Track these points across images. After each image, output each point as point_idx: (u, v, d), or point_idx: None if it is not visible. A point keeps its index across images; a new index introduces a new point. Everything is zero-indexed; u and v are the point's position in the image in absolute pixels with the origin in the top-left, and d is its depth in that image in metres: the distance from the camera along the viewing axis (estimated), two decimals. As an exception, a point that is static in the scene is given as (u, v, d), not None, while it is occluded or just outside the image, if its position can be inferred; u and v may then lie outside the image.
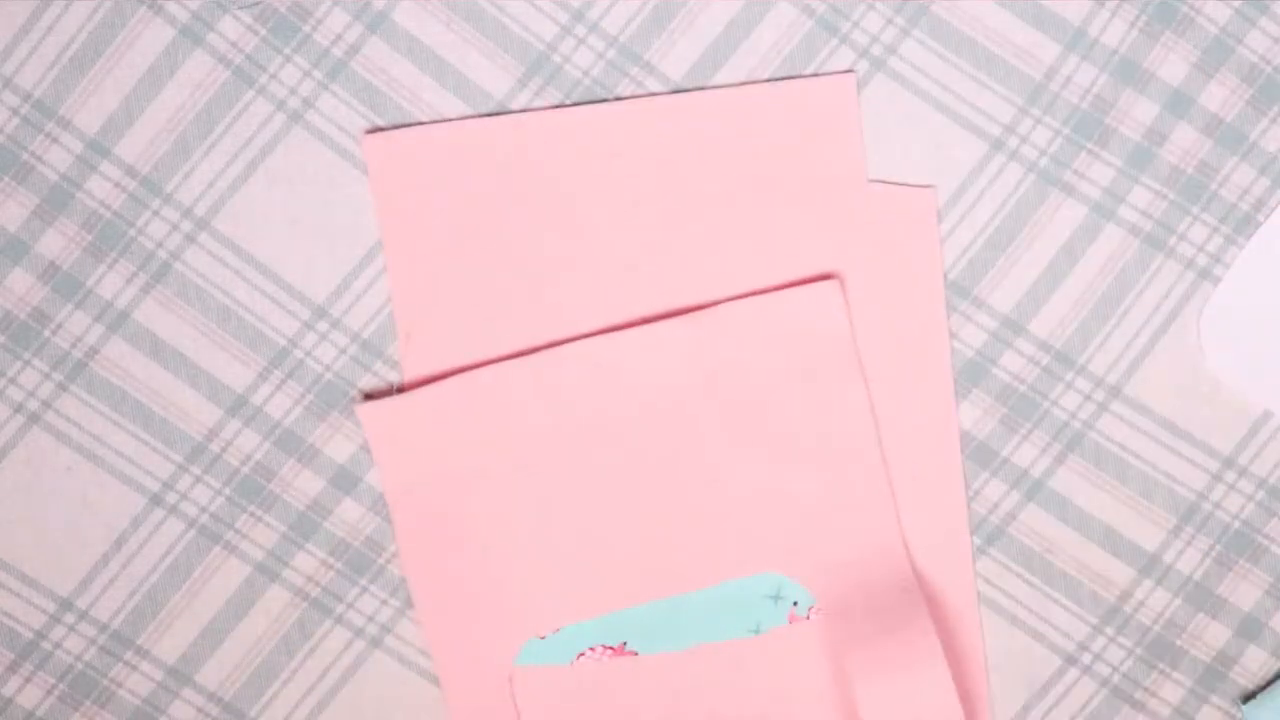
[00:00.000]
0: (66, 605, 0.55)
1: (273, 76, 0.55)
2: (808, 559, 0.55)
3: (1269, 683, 0.57)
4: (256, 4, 0.55)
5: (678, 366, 0.54)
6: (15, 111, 0.55)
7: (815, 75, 0.55)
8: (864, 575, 0.54)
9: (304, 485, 0.56)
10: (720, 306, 0.54)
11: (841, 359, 0.54)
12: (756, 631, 0.55)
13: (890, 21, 0.55)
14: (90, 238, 0.55)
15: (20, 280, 0.55)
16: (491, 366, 0.54)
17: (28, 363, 0.55)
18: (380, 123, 0.55)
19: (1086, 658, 0.56)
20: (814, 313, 0.54)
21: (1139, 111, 0.56)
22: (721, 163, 0.55)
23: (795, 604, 0.55)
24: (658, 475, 0.54)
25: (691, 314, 0.54)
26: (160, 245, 0.55)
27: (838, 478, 0.54)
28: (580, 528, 0.54)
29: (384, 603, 0.56)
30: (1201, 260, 0.56)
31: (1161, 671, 0.56)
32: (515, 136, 0.54)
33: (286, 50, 0.55)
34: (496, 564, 0.54)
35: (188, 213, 0.55)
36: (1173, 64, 0.56)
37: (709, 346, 0.54)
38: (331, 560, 0.56)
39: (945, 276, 0.56)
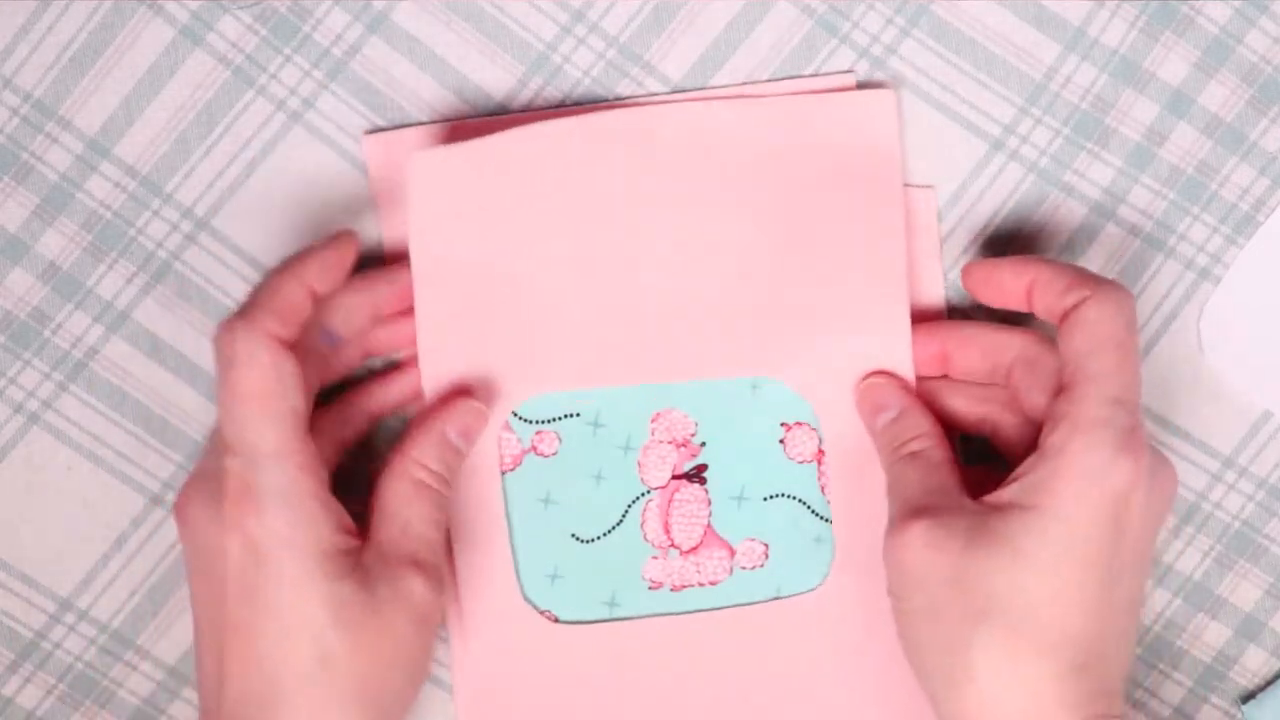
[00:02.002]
0: (66, 605, 0.55)
1: (273, 76, 0.55)
2: (812, 369, 0.54)
3: (1269, 683, 0.57)
4: (256, 4, 0.55)
5: (722, 148, 0.54)
6: (15, 111, 0.55)
7: (815, 75, 0.55)
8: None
9: (304, 485, 0.56)
10: (773, 97, 0.54)
11: (884, 172, 0.54)
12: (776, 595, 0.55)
13: (890, 21, 0.55)
14: (90, 238, 0.55)
15: (20, 280, 0.55)
16: (530, 126, 0.53)
17: (28, 363, 0.55)
18: (380, 123, 0.55)
19: (1086, 658, 0.56)
20: (865, 120, 0.54)
21: (1139, 111, 0.56)
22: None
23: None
24: (681, 257, 0.54)
25: (743, 98, 0.54)
26: (160, 245, 0.55)
27: (859, 293, 0.54)
28: (596, 296, 0.54)
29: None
30: (1201, 260, 0.56)
31: (1161, 671, 0.56)
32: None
33: (286, 50, 0.55)
34: (507, 321, 0.54)
35: (188, 213, 0.55)
36: (1173, 64, 0.56)
37: (756, 133, 0.54)
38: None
39: (945, 276, 0.56)
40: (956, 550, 0.47)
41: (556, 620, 0.55)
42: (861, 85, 0.55)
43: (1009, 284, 0.51)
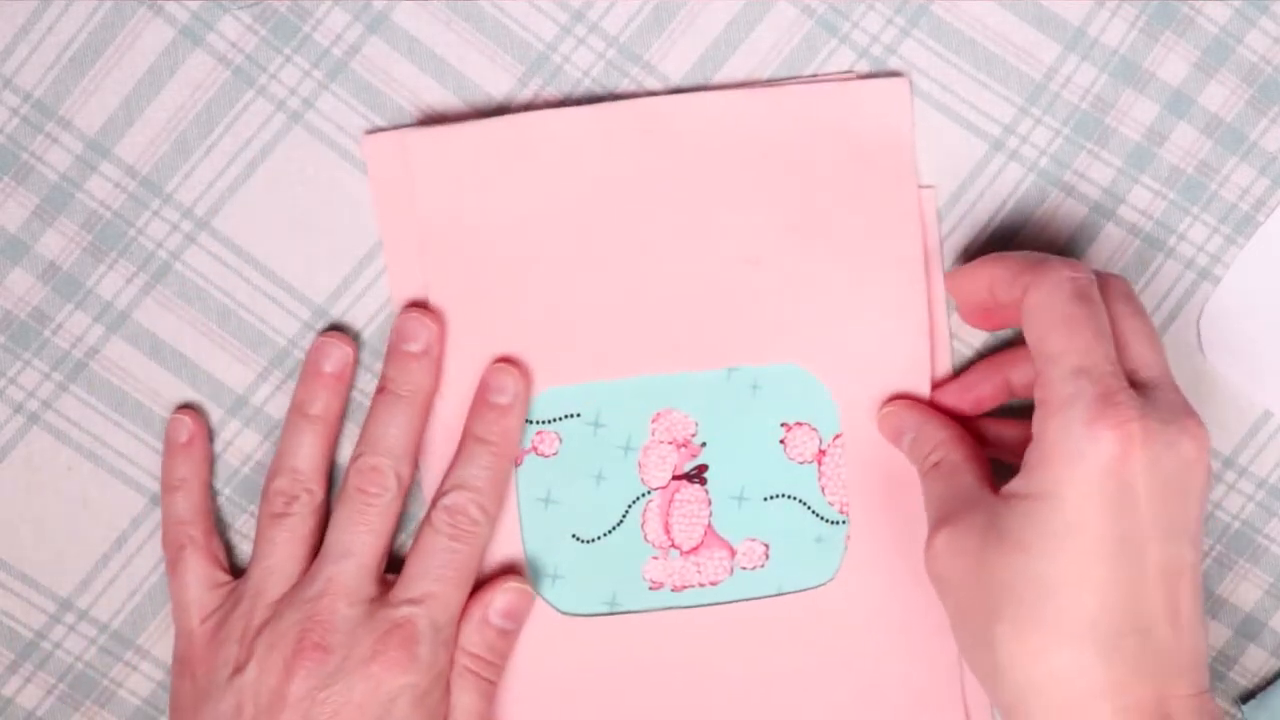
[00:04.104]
0: (66, 605, 0.55)
1: (273, 76, 0.55)
2: (829, 354, 0.54)
3: (1269, 683, 0.57)
4: (256, 4, 0.55)
5: (733, 137, 0.54)
6: (15, 111, 0.55)
7: (815, 75, 0.55)
8: (884, 381, 0.55)
9: (304, 485, 0.56)
10: (786, 86, 0.54)
11: (898, 159, 0.54)
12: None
13: (890, 21, 0.55)
14: (90, 238, 0.55)
15: (20, 280, 0.55)
16: (543, 111, 0.54)
17: (28, 363, 0.55)
18: (380, 123, 0.55)
19: (1086, 658, 0.56)
20: (879, 107, 0.54)
21: (1139, 111, 0.56)
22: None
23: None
24: (692, 245, 0.54)
25: (755, 88, 0.54)
26: (160, 245, 0.55)
27: (875, 277, 0.54)
28: (607, 287, 0.54)
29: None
30: (1201, 260, 0.56)
31: (1161, 671, 0.56)
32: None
33: (286, 50, 0.55)
34: (518, 313, 0.54)
35: (188, 213, 0.55)
36: (1173, 64, 0.56)
37: (768, 122, 0.54)
38: (331, 560, 0.56)
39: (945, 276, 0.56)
40: (974, 549, 0.47)
41: (558, 612, 0.55)
42: (874, 74, 0.55)
43: (971, 291, 0.52)
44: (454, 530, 0.52)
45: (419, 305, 0.54)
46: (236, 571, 0.54)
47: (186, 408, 0.55)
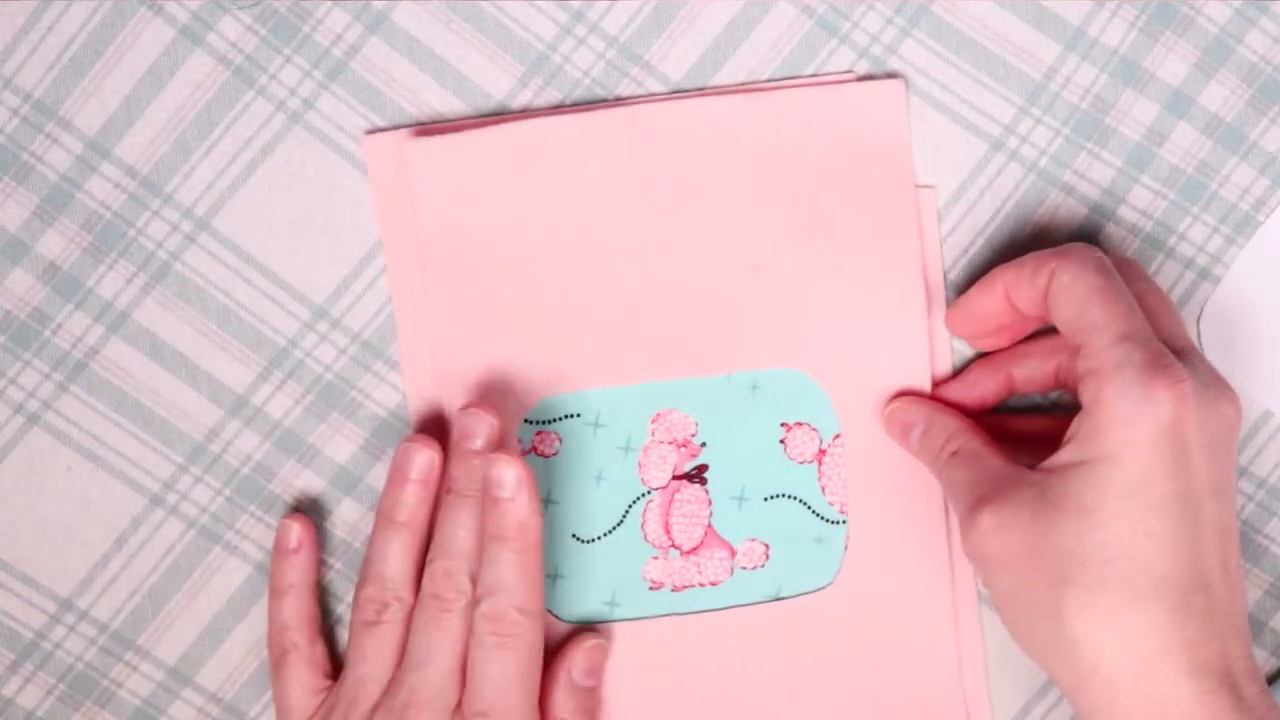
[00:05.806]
0: (66, 605, 0.55)
1: (273, 76, 0.55)
2: (829, 359, 0.55)
3: (1269, 682, 0.57)
4: (256, 4, 0.55)
5: (731, 142, 0.54)
6: (15, 111, 0.55)
7: (815, 75, 0.55)
8: (884, 381, 0.55)
9: (304, 485, 0.56)
10: (782, 90, 0.54)
11: (895, 162, 0.54)
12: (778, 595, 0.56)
13: (890, 21, 0.55)
14: (90, 238, 0.55)
15: (20, 280, 0.55)
16: (541, 119, 0.54)
17: (28, 363, 0.55)
18: (380, 123, 0.55)
19: (1086, 658, 0.56)
20: (874, 110, 0.54)
21: (1139, 111, 0.56)
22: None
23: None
24: (692, 251, 0.54)
25: (751, 92, 0.54)
26: (160, 245, 0.55)
27: (873, 281, 0.54)
28: (606, 294, 0.54)
29: (384, 603, 0.56)
30: (1201, 260, 0.56)
31: (1161, 671, 0.56)
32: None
33: (286, 50, 0.55)
34: (517, 321, 0.54)
35: (188, 213, 0.55)
36: (1173, 64, 0.56)
37: (765, 126, 0.54)
38: (332, 561, 0.56)
39: (945, 276, 0.56)
40: (1025, 524, 0.47)
41: (558, 620, 0.55)
42: (870, 77, 0.55)
43: (983, 305, 0.52)
44: (499, 639, 0.51)
45: (479, 403, 0.53)
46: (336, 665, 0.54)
47: (296, 513, 0.55)
